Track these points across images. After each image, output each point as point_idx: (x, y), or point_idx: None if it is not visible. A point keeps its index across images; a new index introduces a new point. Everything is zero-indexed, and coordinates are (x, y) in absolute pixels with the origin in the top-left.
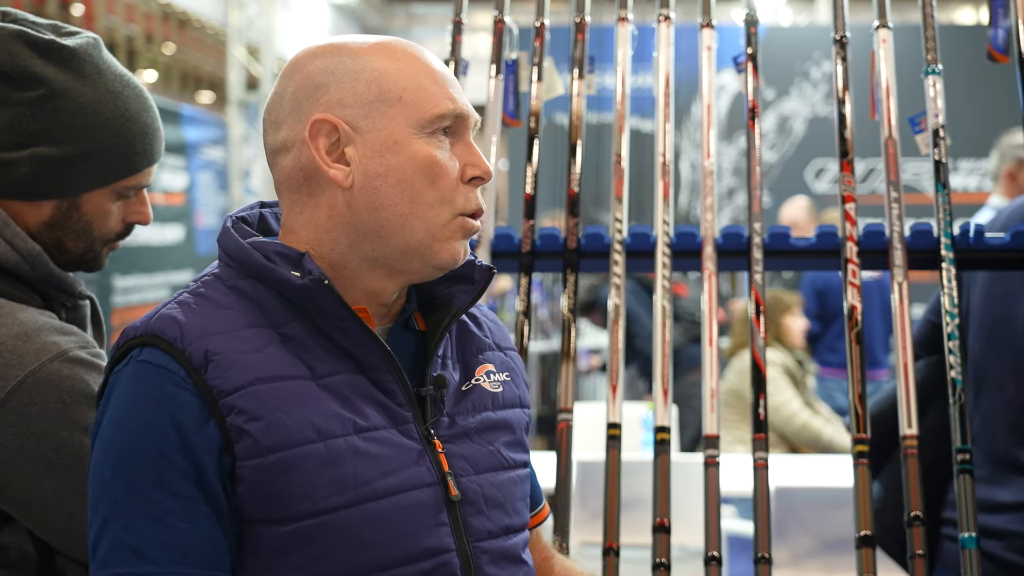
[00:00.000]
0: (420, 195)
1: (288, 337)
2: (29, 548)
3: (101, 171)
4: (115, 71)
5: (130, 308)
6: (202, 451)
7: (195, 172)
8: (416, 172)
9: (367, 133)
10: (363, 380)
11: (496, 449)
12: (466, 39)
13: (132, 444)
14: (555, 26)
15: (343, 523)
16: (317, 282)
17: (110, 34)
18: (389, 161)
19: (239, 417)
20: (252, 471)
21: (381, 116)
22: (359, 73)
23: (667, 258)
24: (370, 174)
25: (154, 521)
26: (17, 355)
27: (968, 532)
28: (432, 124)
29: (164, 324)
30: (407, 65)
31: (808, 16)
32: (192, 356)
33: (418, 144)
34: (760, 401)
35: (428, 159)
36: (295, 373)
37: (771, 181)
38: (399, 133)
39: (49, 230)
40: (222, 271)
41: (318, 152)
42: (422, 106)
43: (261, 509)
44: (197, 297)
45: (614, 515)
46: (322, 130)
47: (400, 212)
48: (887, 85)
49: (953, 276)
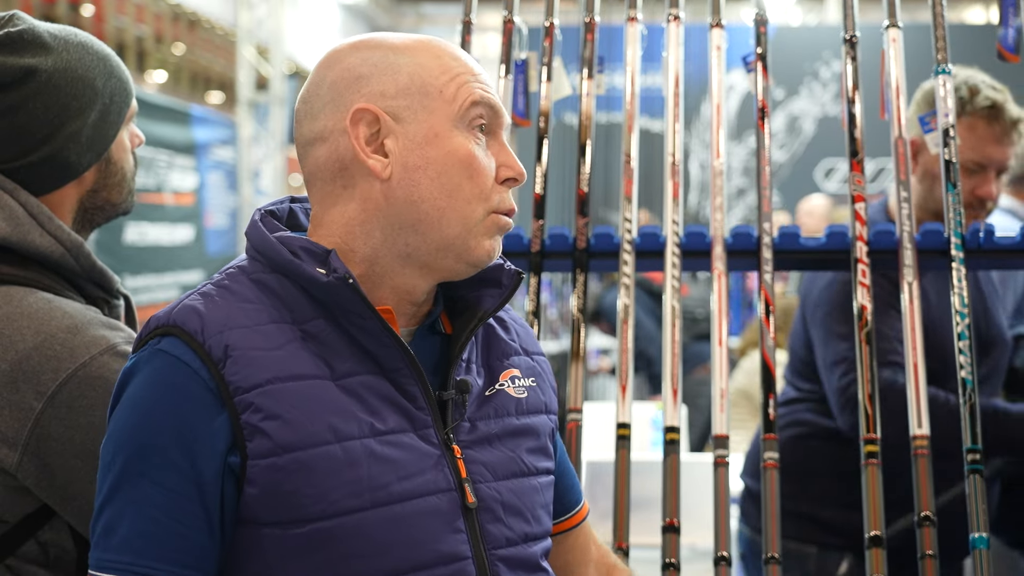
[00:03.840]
0: (458, 189)
1: (310, 334)
2: (69, 545)
3: (119, 111)
4: (55, 31)
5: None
6: (206, 450)
7: (205, 172)
8: (456, 166)
9: (408, 125)
10: (384, 382)
11: (518, 456)
12: (475, 39)
13: (135, 433)
14: (564, 26)
15: (357, 526)
16: (342, 280)
17: (120, 35)
18: (429, 154)
19: (255, 415)
20: (265, 471)
21: (423, 108)
22: (402, 66)
23: (677, 258)
24: (409, 166)
25: (144, 513)
26: (68, 348)
27: (979, 532)
28: (470, 112)
29: (186, 315)
30: (447, 61)
31: (818, 16)
32: (212, 349)
33: (458, 138)
34: (770, 401)
35: (467, 154)
36: (314, 372)
37: (781, 181)
38: (440, 126)
39: (93, 196)
40: (248, 264)
41: (358, 141)
42: (460, 98)
43: (273, 511)
44: (221, 289)
45: (623, 515)
46: (363, 119)
47: (438, 205)
48: (897, 85)
49: (964, 276)
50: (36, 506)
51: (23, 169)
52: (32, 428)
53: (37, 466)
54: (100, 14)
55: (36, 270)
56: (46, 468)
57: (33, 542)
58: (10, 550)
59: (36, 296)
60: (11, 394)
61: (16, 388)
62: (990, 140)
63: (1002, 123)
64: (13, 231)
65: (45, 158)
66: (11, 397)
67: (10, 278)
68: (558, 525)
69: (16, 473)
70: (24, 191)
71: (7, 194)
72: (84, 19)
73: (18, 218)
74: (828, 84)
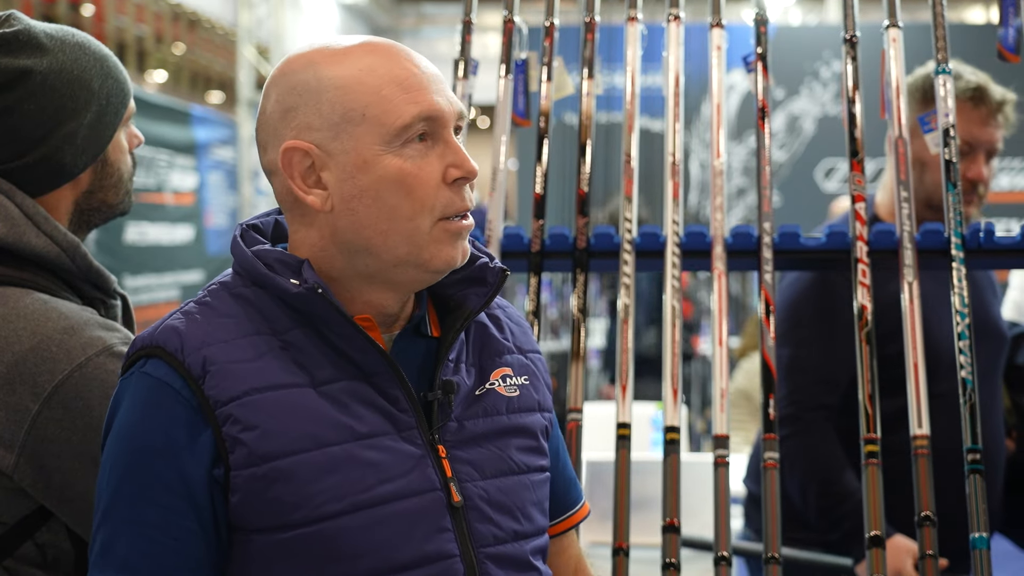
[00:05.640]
0: (396, 210)
1: (289, 344)
2: (66, 546)
3: (116, 112)
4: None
5: (141, 308)
6: (193, 466)
7: (205, 172)
8: (389, 189)
9: (338, 156)
10: (365, 386)
11: (507, 454)
12: (476, 39)
13: (127, 456)
14: (565, 26)
15: (341, 530)
16: (311, 290)
17: (120, 34)
18: (361, 182)
19: (234, 427)
20: (246, 480)
21: (348, 137)
22: (323, 93)
23: (677, 258)
24: (346, 196)
25: (139, 532)
26: (64, 349)
27: (979, 532)
28: (399, 136)
29: (166, 336)
30: (370, 75)
31: (818, 15)
32: (191, 367)
33: (388, 160)
34: (770, 401)
35: (398, 173)
36: (293, 381)
37: (781, 180)
38: (367, 152)
39: (89, 197)
40: (231, 279)
41: (294, 181)
42: (386, 120)
43: (257, 518)
44: (201, 306)
45: (623, 515)
46: (295, 157)
47: (380, 229)
48: (897, 84)
49: (964, 276)
50: (33, 508)
51: (18, 170)
52: (28, 430)
53: (34, 468)
54: (100, 14)
55: (32, 271)
56: (43, 470)
57: (31, 544)
58: (8, 552)
59: (32, 297)
60: (7, 396)
61: (12, 390)
62: (976, 122)
63: (988, 105)
64: (9, 232)
65: (40, 159)
66: (7, 399)
67: (6, 279)
68: (553, 527)
69: (12, 475)
70: (20, 192)
71: (3, 195)
72: (84, 19)
73: (14, 219)
74: (828, 84)
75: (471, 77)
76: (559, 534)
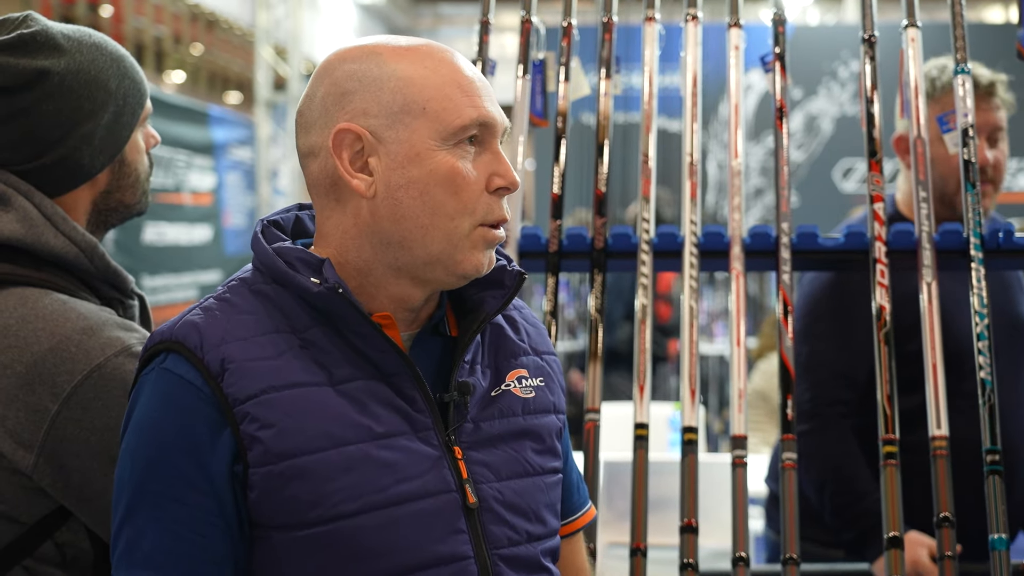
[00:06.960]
0: (441, 207)
1: (308, 342)
2: (86, 546)
3: (133, 112)
4: (68, 32)
5: (159, 308)
6: (215, 462)
7: (223, 172)
8: (437, 184)
9: (390, 144)
10: (383, 386)
11: (522, 456)
12: (493, 39)
13: (148, 452)
14: (582, 26)
15: (356, 529)
16: (332, 290)
17: (139, 35)
18: (411, 173)
19: (252, 425)
20: (263, 478)
21: (404, 128)
22: (385, 82)
23: (695, 258)
24: (392, 185)
25: (165, 529)
26: (83, 349)
27: (999, 534)
28: (455, 136)
29: (186, 331)
30: (434, 73)
31: (836, 15)
32: (210, 364)
33: (440, 156)
34: (788, 402)
35: (450, 171)
36: (311, 379)
37: (799, 181)
38: (421, 145)
39: (106, 198)
40: (251, 275)
41: (341, 162)
42: (445, 117)
43: (274, 515)
44: (221, 303)
45: (641, 515)
46: (346, 139)
47: (421, 223)
48: (916, 84)
49: (983, 276)
50: (52, 507)
51: (36, 171)
52: (48, 430)
53: (53, 468)
54: (119, 15)
55: (51, 271)
56: (62, 470)
57: (50, 543)
58: (27, 551)
59: (51, 298)
60: (27, 396)
61: (32, 390)
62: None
63: (978, 89)
64: (28, 232)
65: (58, 160)
66: (27, 399)
67: (25, 280)
68: (561, 528)
69: (32, 475)
70: (38, 192)
71: (21, 196)
72: (103, 20)
73: (32, 219)
74: (846, 84)
75: (489, 77)
76: (565, 536)
